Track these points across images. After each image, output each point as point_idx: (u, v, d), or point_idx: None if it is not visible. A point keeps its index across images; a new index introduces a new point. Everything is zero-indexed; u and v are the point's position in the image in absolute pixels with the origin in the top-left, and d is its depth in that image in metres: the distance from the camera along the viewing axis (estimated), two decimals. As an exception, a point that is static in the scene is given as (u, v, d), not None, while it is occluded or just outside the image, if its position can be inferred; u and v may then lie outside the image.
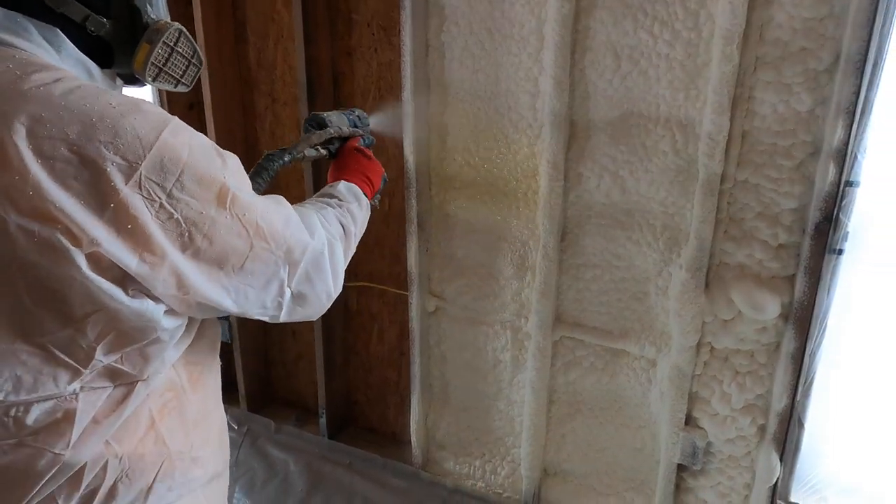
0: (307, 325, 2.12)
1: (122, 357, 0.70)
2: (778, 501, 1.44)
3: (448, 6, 1.51)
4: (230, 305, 0.74)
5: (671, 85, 1.31)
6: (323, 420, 2.09)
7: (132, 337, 0.69)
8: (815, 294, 1.28)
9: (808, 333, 1.31)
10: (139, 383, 0.72)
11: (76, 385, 0.68)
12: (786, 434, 1.38)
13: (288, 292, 0.79)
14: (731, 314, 1.37)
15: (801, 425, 1.37)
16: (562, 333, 1.61)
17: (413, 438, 1.91)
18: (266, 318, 0.80)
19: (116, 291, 0.65)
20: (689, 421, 1.50)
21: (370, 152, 1.21)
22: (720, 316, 1.38)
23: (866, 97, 1.15)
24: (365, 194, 1.06)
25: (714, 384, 1.45)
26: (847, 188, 1.21)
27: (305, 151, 1.09)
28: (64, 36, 0.70)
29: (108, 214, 0.62)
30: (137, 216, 0.64)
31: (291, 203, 0.93)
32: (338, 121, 1.20)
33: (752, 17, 1.21)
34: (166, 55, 0.79)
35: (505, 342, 1.71)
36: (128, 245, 0.64)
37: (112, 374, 0.70)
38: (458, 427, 1.87)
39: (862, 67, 1.14)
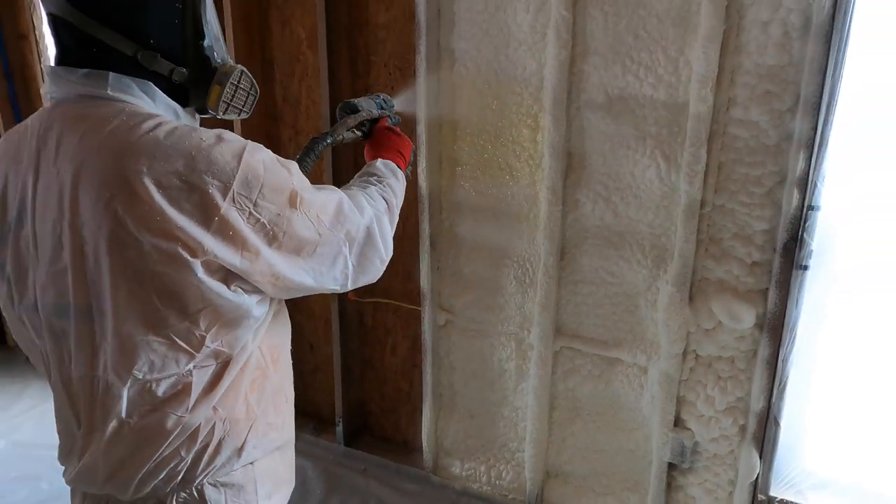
0: (325, 340, 2.28)
1: (222, 341, 0.87)
2: (759, 496, 1.58)
3: (458, 50, 1.70)
4: (311, 283, 0.92)
5: (656, 122, 1.50)
6: (339, 428, 2.23)
7: (230, 325, 0.86)
8: (786, 305, 1.44)
9: (780, 341, 1.47)
10: (231, 360, 0.89)
11: (191, 365, 0.85)
12: (764, 433, 1.53)
13: (351, 264, 0.96)
14: (713, 324, 1.53)
15: (777, 424, 1.52)
16: (562, 344, 1.77)
17: (424, 444, 2.05)
18: (337, 289, 0.97)
19: (222, 289, 0.82)
20: (678, 422, 1.65)
21: (398, 130, 1.32)
22: (703, 326, 1.54)
23: (822, 133, 1.33)
24: (399, 167, 1.20)
25: (699, 388, 1.60)
26: (810, 212, 1.38)
27: (344, 134, 1.25)
28: (156, 87, 0.86)
29: (214, 226, 0.79)
30: (235, 224, 0.80)
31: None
32: (367, 105, 1.34)
33: (724, 64, 1.39)
34: (232, 92, 0.94)
35: (510, 352, 1.86)
36: (231, 248, 0.80)
37: (215, 355, 0.87)
38: (466, 434, 2.01)
39: (818, 108, 1.32)
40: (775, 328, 1.47)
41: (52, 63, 0.86)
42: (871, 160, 1.36)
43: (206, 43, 0.91)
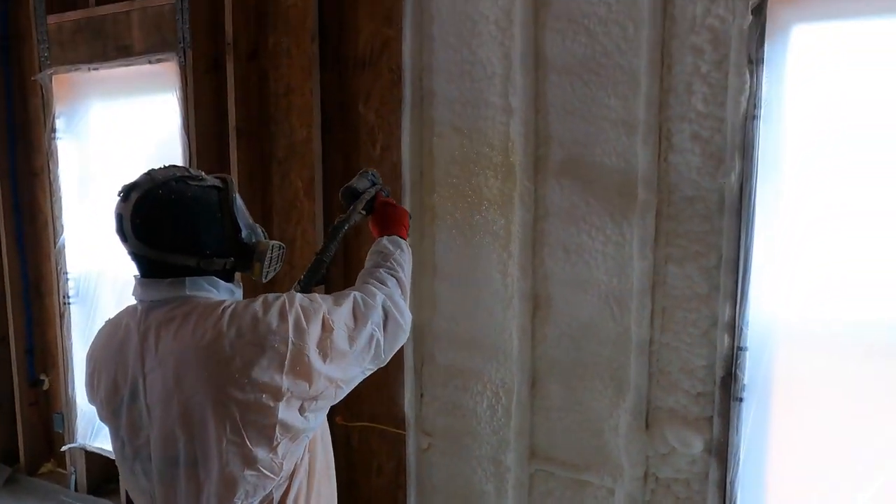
0: (312, 462, 2.38)
1: (288, 460, 1.10)
2: None
3: (438, 207, 1.98)
4: (359, 373, 1.16)
5: (607, 272, 1.76)
6: (324, 552, 2.29)
7: (297, 443, 1.10)
8: (728, 432, 1.65)
9: (726, 464, 1.66)
10: (294, 474, 1.12)
11: (272, 485, 1.09)
12: (720, 551, 1.69)
13: (382, 342, 1.19)
14: (667, 449, 1.72)
15: (731, 542, 1.68)
16: (536, 466, 1.93)
17: (408, 567, 2.13)
18: (380, 364, 1.20)
19: (297, 419, 1.07)
20: (645, 542, 1.79)
21: (392, 200, 1.55)
22: (659, 451, 1.73)
23: (743, 286, 1.61)
24: (402, 237, 1.43)
25: (661, 509, 1.76)
26: (739, 352, 1.63)
27: (355, 217, 1.47)
28: (217, 279, 1.13)
29: (286, 369, 1.04)
30: (299, 360, 1.05)
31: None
32: (363, 184, 1.51)
33: (660, 227, 1.68)
34: (269, 262, 1.19)
35: (489, 475, 2.01)
36: (301, 379, 1.06)
37: (286, 473, 1.11)
38: (449, 555, 2.10)
39: (737, 266, 1.60)
40: (721, 453, 1.66)
41: (139, 275, 1.14)
42: (792, 305, 1.63)
43: (242, 234, 1.17)
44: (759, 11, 1.50)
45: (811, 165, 1.56)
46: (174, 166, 1.15)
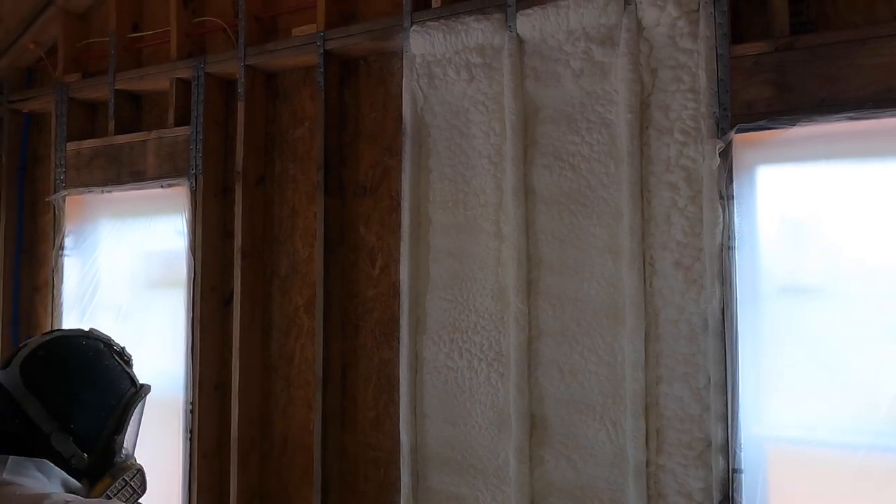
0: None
1: None
2: None
3: (430, 327, 2.05)
4: None
5: (601, 392, 1.81)
6: None
7: None
8: (730, 559, 1.63)
9: None
10: None
11: None
12: None
13: None
14: (671, 578, 1.68)
15: None
16: None
17: None
18: None
19: None
20: None
21: None
22: (663, 580, 1.69)
23: (733, 408, 1.65)
24: None
25: None
26: (735, 474, 1.64)
27: None
28: (53, 466, 0.90)
29: None
30: None
31: None
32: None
33: (649, 350, 1.75)
34: (120, 487, 0.97)
35: None
36: None
37: None
38: None
39: (725, 388, 1.66)
40: (725, 582, 1.63)
41: None
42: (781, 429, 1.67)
43: (119, 437, 0.98)
44: (725, 155, 1.67)
45: (788, 291, 1.67)
46: (106, 336, 1.03)
